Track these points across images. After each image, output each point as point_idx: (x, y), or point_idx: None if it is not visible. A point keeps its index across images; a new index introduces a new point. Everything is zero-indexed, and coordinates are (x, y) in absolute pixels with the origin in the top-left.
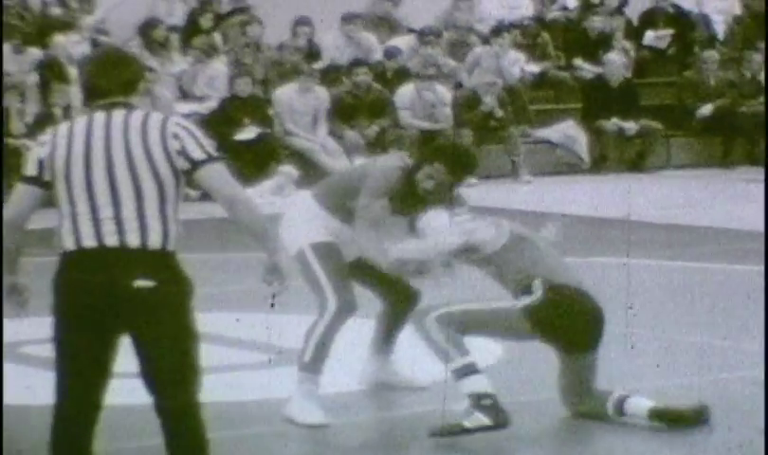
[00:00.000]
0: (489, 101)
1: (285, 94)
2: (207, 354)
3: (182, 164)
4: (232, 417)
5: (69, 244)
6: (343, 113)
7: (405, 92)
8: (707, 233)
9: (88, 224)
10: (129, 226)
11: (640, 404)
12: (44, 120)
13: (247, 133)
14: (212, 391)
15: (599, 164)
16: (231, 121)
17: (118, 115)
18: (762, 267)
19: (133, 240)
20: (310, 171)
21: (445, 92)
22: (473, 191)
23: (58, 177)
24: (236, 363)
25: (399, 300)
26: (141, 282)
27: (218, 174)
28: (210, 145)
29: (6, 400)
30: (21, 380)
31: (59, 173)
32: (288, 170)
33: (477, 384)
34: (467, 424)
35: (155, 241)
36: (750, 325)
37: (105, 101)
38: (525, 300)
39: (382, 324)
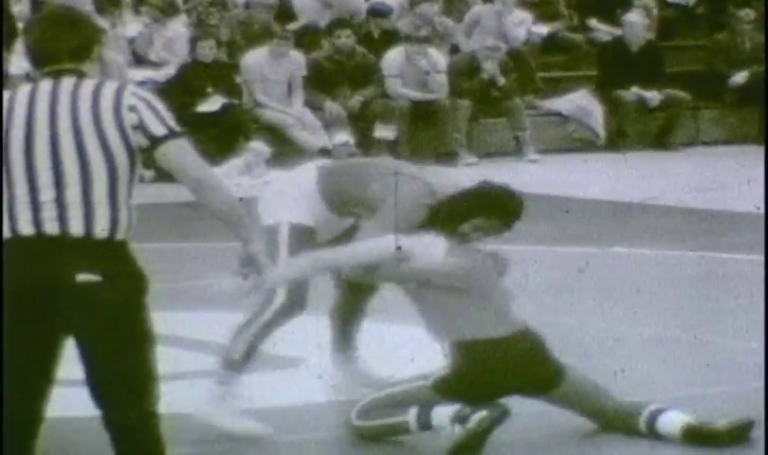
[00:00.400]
0: (491, 68)
1: (255, 59)
2: (164, 360)
3: (139, 140)
4: (194, 431)
5: (4, 231)
6: (322, 81)
7: (394, 57)
8: (742, 220)
9: (26, 208)
10: (73, 211)
11: (675, 420)
12: None
13: (211, 104)
14: (171, 401)
15: (617, 140)
16: (193, 90)
17: (67, 84)
18: None
19: (77, 227)
20: (284, 148)
21: (439, 57)
22: (472, 170)
23: None
24: (198, 369)
25: (353, 287)
26: (86, 277)
27: (183, 152)
28: (171, 119)
29: None
30: None
31: None
32: (259, 146)
33: (442, 412)
34: (471, 426)
35: (102, 228)
36: None
37: (52, 69)
38: (436, 374)
39: (337, 319)
